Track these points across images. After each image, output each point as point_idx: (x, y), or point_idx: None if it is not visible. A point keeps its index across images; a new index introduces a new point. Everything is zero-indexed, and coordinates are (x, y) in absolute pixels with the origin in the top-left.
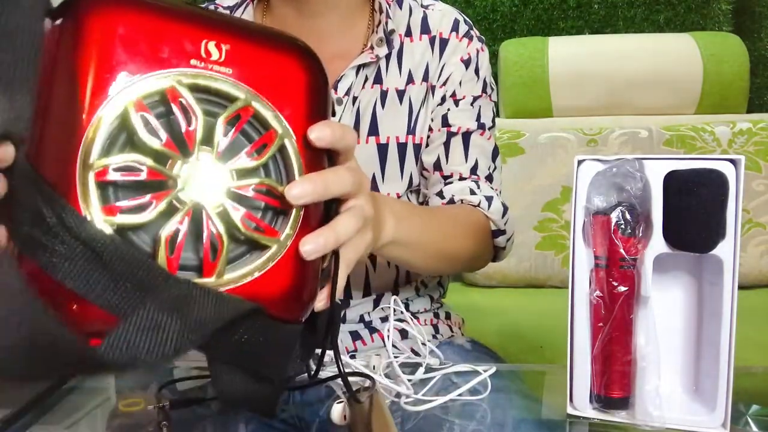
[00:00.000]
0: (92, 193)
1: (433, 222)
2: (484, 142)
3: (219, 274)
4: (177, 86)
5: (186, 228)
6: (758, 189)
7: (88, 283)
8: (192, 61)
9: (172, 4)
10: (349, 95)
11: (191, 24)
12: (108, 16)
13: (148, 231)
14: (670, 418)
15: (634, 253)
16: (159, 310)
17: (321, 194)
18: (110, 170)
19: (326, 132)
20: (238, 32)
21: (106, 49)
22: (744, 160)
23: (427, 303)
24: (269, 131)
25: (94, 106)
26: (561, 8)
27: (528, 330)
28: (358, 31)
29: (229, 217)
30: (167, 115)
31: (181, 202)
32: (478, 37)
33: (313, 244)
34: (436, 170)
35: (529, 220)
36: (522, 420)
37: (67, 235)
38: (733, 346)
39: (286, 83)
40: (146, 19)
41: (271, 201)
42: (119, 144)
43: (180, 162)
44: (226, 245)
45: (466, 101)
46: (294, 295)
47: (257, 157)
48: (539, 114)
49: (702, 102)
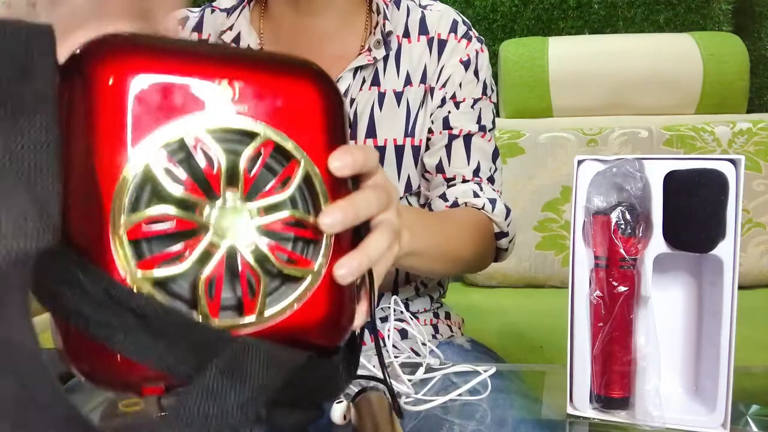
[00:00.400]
0: (128, 252)
1: (440, 228)
2: (485, 144)
3: (260, 311)
4: (195, 131)
5: (222, 270)
6: (758, 189)
7: (145, 351)
8: (207, 105)
9: (179, 45)
10: (346, 97)
11: (202, 66)
12: (117, 71)
13: (186, 278)
14: (670, 418)
15: (634, 253)
16: (220, 374)
17: (352, 221)
18: (142, 226)
19: (347, 161)
20: (250, 66)
21: (120, 107)
22: (744, 160)
23: (427, 303)
24: (291, 162)
25: (115, 167)
26: (561, 8)
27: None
28: (356, 31)
29: (262, 254)
30: (189, 161)
31: (214, 245)
32: (477, 38)
33: (347, 268)
34: (439, 173)
35: (529, 220)
36: (522, 420)
37: (118, 307)
38: (733, 346)
39: (303, 111)
40: (157, 68)
41: (301, 232)
42: (146, 198)
43: (208, 206)
44: (263, 282)
45: (466, 103)
46: (334, 320)
47: (282, 189)
48: (539, 114)
49: (702, 102)
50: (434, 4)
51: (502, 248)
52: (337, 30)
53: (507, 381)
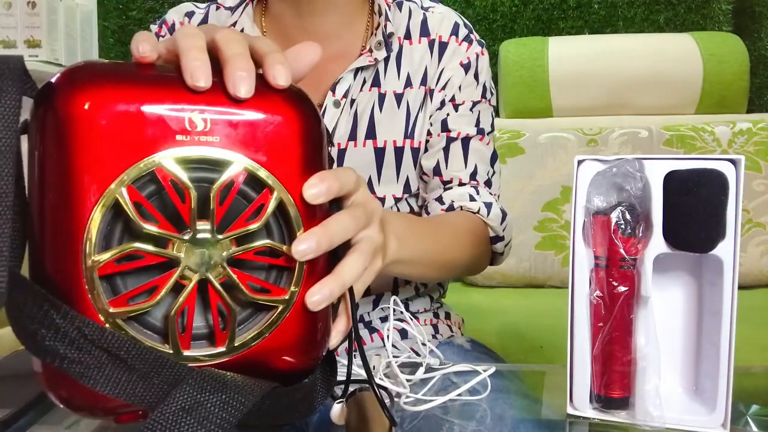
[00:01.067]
0: (100, 290)
1: (431, 235)
2: (483, 148)
3: (230, 342)
4: (165, 165)
5: (194, 303)
6: (758, 189)
7: (118, 386)
8: (178, 136)
9: (150, 74)
10: (347, 98)
11: (173, 95)
12: (86, 105)
13: (158, 312)
14: (670, 418)
15: (634, 253)
16: (180, 409)
17: (326, 247)
18: (113, 263)
19: (321, 189)
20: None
21: (89, 141)
22: (744, 160)
23: (427, 303)
24: (265, 190)
25: (86, 204)
26: (561, 8)
27: (528, 330)
28: (357, 31)
29: (234, 284)
30: (161, 195)
31: (186, 278)
32: (478, 41)
33: (319, 295)
34: (436, 175)
35: (529, 220)
36: (522, 420)
37: (91, 346)
38: (733, 346)
39: (277, 137)
40: (127, 101)
41: (274, 261)
42: (117, 235)
43: (179, 240)
44: (234, 314)
45: (465, 106)
46: (307, 346)
47: (255, 219)
48: (539, 114)
49: (702, 102)
50: (436, 7)
51: (497, 252)
52: (338, 30)
53: (507, 381)
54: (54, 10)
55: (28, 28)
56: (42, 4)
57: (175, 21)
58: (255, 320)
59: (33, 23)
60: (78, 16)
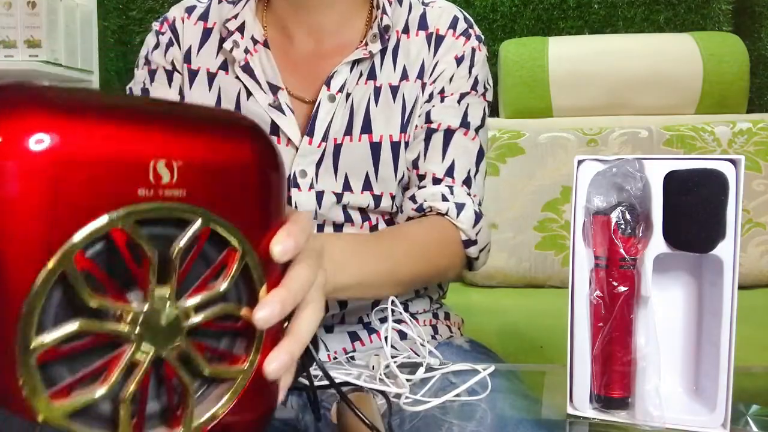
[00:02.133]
0: (38, 383)
1: (381, 254)
2: (467, 143)
3: (188, 423)
4: (123, 227)
5: (148, 384)
6: (758, 189)
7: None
8: (140, 191)
9: (112, 106)
10: (342, 92)
11: (137, 140)
12: (32, 154)
13: (107, 399)
14: (670, 418)
15: (634, 253)
16: None
17: (289, 310)
18: (54, 347)
19: (289, 246)
20: (187, 138)
21: (31, 199)
22: (744, 160)
23: (426, 304)
24: (228, 250)
25: (25, 276)
26: (561, 8)
27: (528, 330)
28: (357, 27)
29: (190, 358)
30: (115, 261)
31: (139, 357)
32: (476, 36)
33: (277, 362)
34: (414, 168)
35: (529, 220)
36: (522, 420)
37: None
38: (733, 346)
39: (242, 190)
40: (83, 147)
41: (232, 326)
42: (61, 313)
43: (133, 312)
44: (190, 391)
45: (453, 98)
46: (267, 412)
47: (216, 283)
48: (539, 114)
49: (702, 102)
50: (437, 1)
51: (471, 257)
52: (338, 25)
53: (506, 381)
54: (54, 10)
55: (28, 28)
56: (42, 4)
57: (176, 17)
58: (209, 391)
59: (33, 23)
60: (78, 16)
